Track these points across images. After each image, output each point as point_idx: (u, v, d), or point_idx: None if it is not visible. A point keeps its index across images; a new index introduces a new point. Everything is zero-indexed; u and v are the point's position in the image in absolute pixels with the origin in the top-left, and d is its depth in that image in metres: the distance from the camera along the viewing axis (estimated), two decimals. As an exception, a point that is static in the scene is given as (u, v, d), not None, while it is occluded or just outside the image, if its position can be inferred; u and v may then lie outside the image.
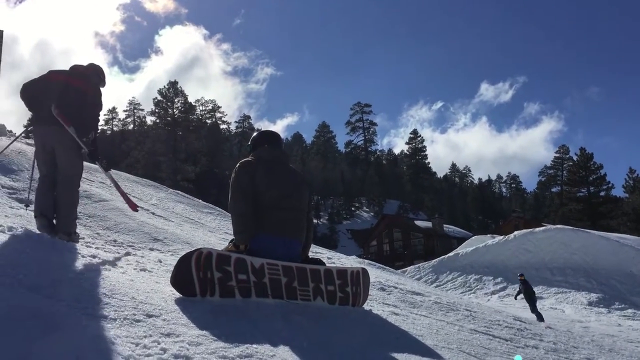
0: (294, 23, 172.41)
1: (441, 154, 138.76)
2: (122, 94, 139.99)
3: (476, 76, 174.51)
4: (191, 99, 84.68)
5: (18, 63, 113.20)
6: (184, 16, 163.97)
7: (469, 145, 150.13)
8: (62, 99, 4.77)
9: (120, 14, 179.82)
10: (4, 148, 5.51)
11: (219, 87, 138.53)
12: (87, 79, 5.03)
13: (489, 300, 17.77)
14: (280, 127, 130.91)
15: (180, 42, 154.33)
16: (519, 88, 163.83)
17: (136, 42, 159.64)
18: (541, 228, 19.28)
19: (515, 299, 16.91)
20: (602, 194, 64.04)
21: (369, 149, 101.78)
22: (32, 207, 5.11)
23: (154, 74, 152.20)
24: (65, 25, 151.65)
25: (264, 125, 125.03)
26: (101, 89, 5.21)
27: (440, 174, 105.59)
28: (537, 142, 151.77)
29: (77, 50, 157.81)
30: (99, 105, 5.15)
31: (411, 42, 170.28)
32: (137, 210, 5.99)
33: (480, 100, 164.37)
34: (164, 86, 79.94)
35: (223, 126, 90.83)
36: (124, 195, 5.65)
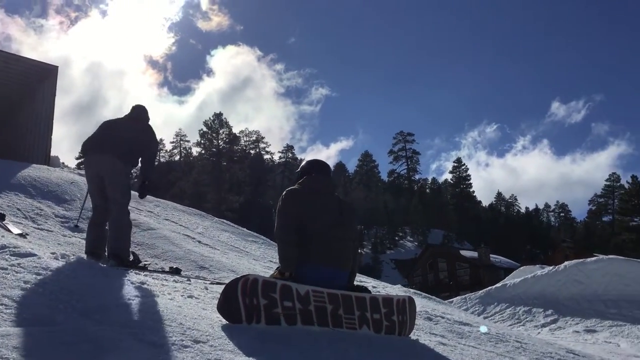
0: (351, 41, 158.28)
1: (497, 178, 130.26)
2: (171, 116, 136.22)
3: (547, 94, 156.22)
4: (236, 130, 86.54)
5: (68, 87, 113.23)
6: (239, 34, 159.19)
7: (526, 170, 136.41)
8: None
9: (172, 34, 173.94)
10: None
11: (271, 108, 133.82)
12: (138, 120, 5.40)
13: (539, 332, 17.16)
14: (333, 151, 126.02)
15: (232, 63, 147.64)
16: (593, 107, 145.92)
17: (187, 63, 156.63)
18: (593, 258, 18.56)
19: None
20: (658, 223, 61.81)
21: (412, 178, 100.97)
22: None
23: (204, 94, 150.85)
24: (116, 47, 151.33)
25: (314, 150, 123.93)
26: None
27: (485, 202, 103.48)
28: (602, 168, 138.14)
29: (128, 71, 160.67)
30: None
31: (481, 60, 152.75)
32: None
33: (551, 120, 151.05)
34: (209, 118, 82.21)
35: (267, 156, 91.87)
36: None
